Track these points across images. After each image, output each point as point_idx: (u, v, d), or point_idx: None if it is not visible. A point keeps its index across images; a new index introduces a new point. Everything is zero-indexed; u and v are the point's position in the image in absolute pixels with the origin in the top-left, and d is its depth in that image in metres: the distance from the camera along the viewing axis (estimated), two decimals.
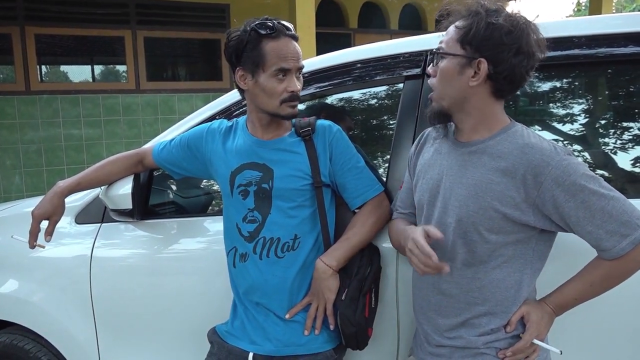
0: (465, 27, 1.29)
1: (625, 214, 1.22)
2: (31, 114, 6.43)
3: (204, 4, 7.28)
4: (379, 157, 2.06)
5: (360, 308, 1.53)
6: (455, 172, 1.37)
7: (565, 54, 1.71)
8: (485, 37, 1.26)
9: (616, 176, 1.79)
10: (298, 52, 1.55)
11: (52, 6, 6.54)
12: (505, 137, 1.32)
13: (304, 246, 1.58)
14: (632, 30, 1.67)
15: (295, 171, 1.58)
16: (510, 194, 1.27)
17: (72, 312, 1.99)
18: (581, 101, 1.87)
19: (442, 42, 1.35)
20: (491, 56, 1.27)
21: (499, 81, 1.29)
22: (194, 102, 7.10)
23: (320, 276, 1.54)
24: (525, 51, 1.27)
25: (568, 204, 1.23)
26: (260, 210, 1.59)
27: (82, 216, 2.06)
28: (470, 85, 1.30)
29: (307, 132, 1.60)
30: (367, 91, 2.05)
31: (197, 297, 1.91)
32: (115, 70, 7.49)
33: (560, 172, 1.23)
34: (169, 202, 2.31)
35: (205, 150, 1.72)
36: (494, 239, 1.31)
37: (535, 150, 1.26)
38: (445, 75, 1.33)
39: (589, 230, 1.24)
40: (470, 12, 1.30)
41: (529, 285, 1.36)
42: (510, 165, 1.28)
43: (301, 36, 6.51)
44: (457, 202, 1.34)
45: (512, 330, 1.34)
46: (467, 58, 1.29)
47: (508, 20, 1.26)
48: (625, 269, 1.27)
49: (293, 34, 1.56)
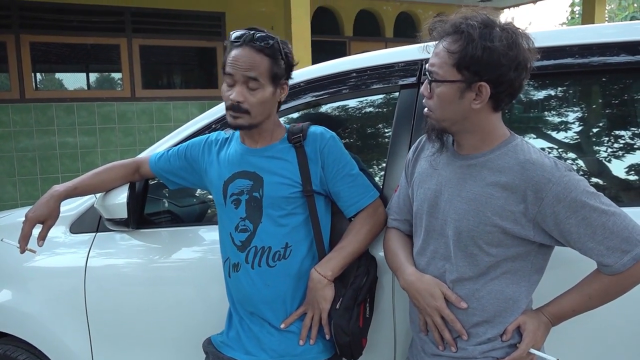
0: (459, 51, 1.24)
1: (626, 230, 1.22)
2: (26, 122, 6.42)
3: (200, 12, 7.30)
4: (375, 165, 2.06)
5: (354, 318, 1.53)
6: (454, 184, 1.36)
7: (559, 63, 1.72)
8: (484, 62, 1.23)
9: (610, 184, 1.80)
10: (250, 62, 1.48)
11: (47, 14, 6.55)
12: (506, 152, 1.31)
13: (296, 255, 1.57)
14: (624, 40, 1.68)
15: (284, 179, 1.56)
16: (511, 208, 1.27)
17: (66, 323, 1.98)
18: (575, 109, 1.89)
19: (435, 65, 1.29)
20: (492, 78, 1.25)
21: (500, 98, 1.29)
22: (190, 110, 7.10)
23: (315, 286, 1.53)
24: (523, 65, 1.27)
25: (569, 220, 1.23)
26: (252, 219, 1.58)
27: (76, 225, 2.05)
28: (474, 107, 1.28)
29: (298, 139, 1.58)
30: (363, 100, 2.06)
31: (193, 307, 1.90)
32: (111, 78, 7.49)
33: (562, 189, 1.23)
34: (164, 211, 2.30)
35: (202, 162, 1.72)
36: (493, 252, 1.31)
37: (536, 167, 1.26)
38: (445, 101, 1.29)
39: (590, 246, 1.24)
40: (458, 31, 1.25)
41: (527, 297, 1.36)
42: (510, 181, 1.27)
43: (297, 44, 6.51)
44: (457, 215, 1.34)
45: (508, 339, 1.34)
46: (466, 83, 1.26)
47: (502, 39, 1.23)
48: (625, 284, 1.27)
49: (258, 45, 1.49)
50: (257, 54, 1.49)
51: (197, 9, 7.25)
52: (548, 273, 1.40)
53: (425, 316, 1.40)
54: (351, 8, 8.64)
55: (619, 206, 1.27)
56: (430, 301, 1.37)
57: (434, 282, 1.38)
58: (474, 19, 1.26)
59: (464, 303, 1.34)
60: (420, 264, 1.44)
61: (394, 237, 1.56)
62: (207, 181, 1.71)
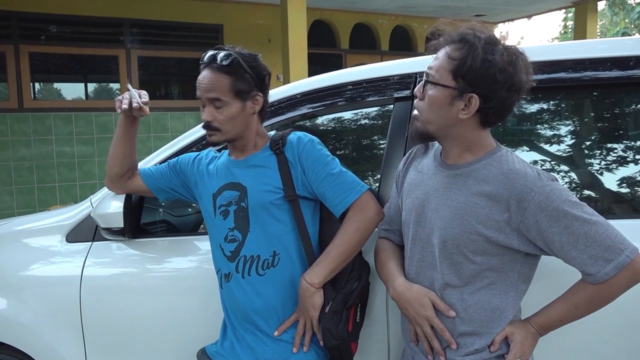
0: (459, 59, 1.27)
1: (608, 238, 1.23)
2: (23, 131, 6.43)
3: (198, 24, 7.36)
4: (370, 177, 2.08)
5: (343, 321, 1.53)
6: (440, 193, 1.38)
7: (552, 77, 1.75)
8: (480, 74, 1.25)
9: (602, 196, 1.82)
10: (210, 83, 1.54)
11: (47, 25, 6.59)
12: (491, 162, 1.33)
13: (285, 262, 1.58)
14: (616, 55, 1.71)
15: (266, 185, 1.58)
16: (495, 217, 1.29)
17: (61, 332, 1.97)
18: (567, 123, 1.91)
19: (432, 68, 1.32)
20: (483, 92, 1.26)
21: (488, 114, 1.30)
22: (187, 120, 7.13)
23: (303, 294, 1.54)
24: (516, 87, 1.28)
25: (552, 229, 1.25)
26: (240, 229, 1.59)
27: (73, 234, 2.05)
28: (460, 117, 1.30)
29: (278, 146, 1.61)
30: (358, 112, 2.08)
31: (188, 317, 1.90)
32: (109, 88, 7.52)
33: (544, 198, 1.24)
34: (160, 220, 2.31)
35: (192, 175, 1.75)
36: (478, 260, 1.32)
37: (519, 176, 1.27)
38: (434, 104, 1.32)
39: (573, 255, 1.25)
40: (463, 40, 1.28)
41: (514, 307, 1.36)
42: (494, 190, 1.29)
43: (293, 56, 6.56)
44: (442, 223, 1.35)
45: (496, 350, 1.34)
46: (458, 91, 1.28)
47: (503, 56, 1.25)
48: (610, 292, 1.28)
49: (217, 65, 1.54)
50: (216, 74, 1.55)
51: (195, 21, 7.30)
52: (539, 283, 1.42)
53: (415, 326, 1.41)
54: (347, 21, 8.71)
55: (612, 218, 1.29)
56: (420, 311, 1.38)
57: (423, 292, 1.39)
58: (481, 32, 1.29)
59: (452, 312, 1.35)
60: (410, 273, 1.46)
61: (384, 248, 1.57)
62: (196, 194, 1.74)
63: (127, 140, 1.79)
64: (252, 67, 1.57)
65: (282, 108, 1.93)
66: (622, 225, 1.30)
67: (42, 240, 2.09)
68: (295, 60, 6.07)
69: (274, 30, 7.33)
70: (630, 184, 1.77)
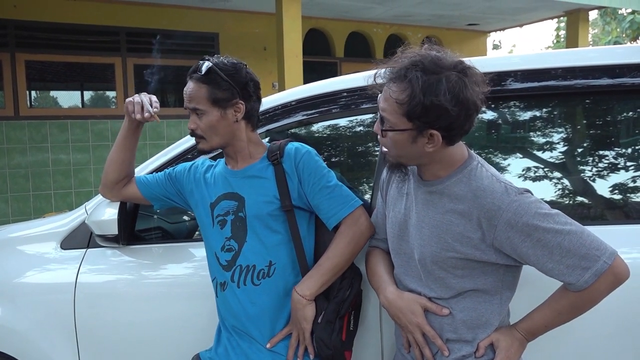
0: (406, 102, 1.23)
1: (583, 247, 1.23)
2: (19, 139, 6.43)
3: (193, 32, 7.38)
4: (365, 183, 2.09)
5: (336, 331, 1.53)
6: (420, 209, 1.39)
7: (544, 85, 1.77)
8: (432, 114, 1.22)
9: (594, 203, 1.83)
10: (189, 94, 1.60)
11: (43, 33, 6.60)
12: (461, 178, 1.33)
13: (280, 272, 1.59)
14: (607, 63, 1.73)
15: (264, 196, 1.60)
16: (469, 235, 1.29)
17: (55, 339, 1.97)
18: (559, 130, 1.93)
19: (385, 111, 1.29)
20: (441, 124, 1.24)
21: (451, 136, 1.29)
22: (182, 128, 7.14)
23: (295, 306, 1.54)
24: (472, 106, 1.24)
25: (524, 244, 1.24)
26: (237, 238, 1.61)
27: (67, 241, 2.05)
28: (427, 150, 1.29)
29: (276, 157, 1.62)
30: (352, 119, 2.09)
31: (183, 323, 1.90)
32: (105, 96, 7.53)
33: (512, 215, 1.24)
34: (155, 227, 2.31)
35: (188, 184, 1.75)
36: (459, 274, 1.33)
37: (486, 194, 1.27)
38: (398, 144, 1.31)
39: (550, 267, 1.25)
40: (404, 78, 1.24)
41: (500, 313, 1.37)
42: (466, 209, 1.29)
43: (289, 64, 6.57)
44: (422, 240, 1.36)
45: (481, 355, 1.34)
46: (417, 130, 1.26)
47: (446, 92, 1.20)
48: (592, 298, 1.27)
49: (196, 76, 1.60)
50: (196, 84, 1.60)
51: (191, 29, 7.32)
52: (527, 288, 1.43)
53: (407, 333, 1.42)
54: (342, 30, 8.76)
55: (604, 224, 1.29)
56: (412, 318, 1.38)
57: (413, 299, 1.40)
58: (419, 66, 1.23)
59: (446, 309, 1.36)
60: (398, 283, 1.47)
61: (375, 256, 1.57)
62: (192, 203, 1.75)
63: (128, 146, 1.81)
64: (231, 75, 1.59)
65: (276, 115, 1.95)
66: (616, 231, 1.31)
67: (37, 247, 2.09)
68: (290, 69, 6.09)
69: (269, 39, 7.36)
70: (622, 190, 1.79)
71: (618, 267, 1.24)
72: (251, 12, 7.58)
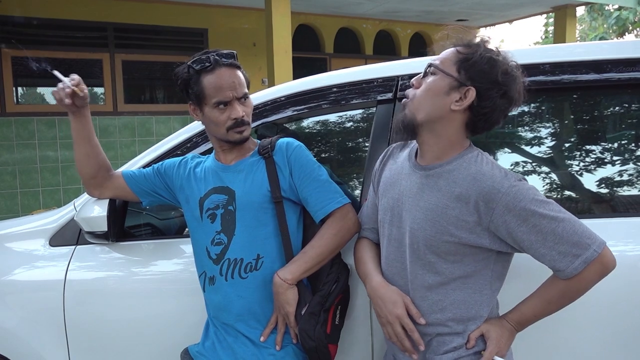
0: (467, 53, 1.33)
1: (575, 234, 1.27)
2: (6, 135, 6.36)
3: (182, 28, 7.35)
4: (354, 178, 2.09)
5: (320, 323, 1.53)
6: (414, 194, 1.40)
7: (532, 80, 1.78)
8: (483, 70, 1.30)
9: (581, 196, 1.86)
10: (236, 81, 1.59)
11: (30, 29, 6.53)
12: (461, 163, 1.36)
13: (268, 266, 1.59)
14: (594, 58, 1.75)
15: (254, 188, 1.61)
16: (465, 218, 1.31)
17: (45, 337, 1.96)
18: (547, 124, 1.95)
19: (437, 59, 1.37)
20: (481, 88, 1.31)
21: (477, 115, 1.34)
22: (172, 124, 7.10)
23: (277, 290, 1.55)
24: (510, 96, 1.33)
25: (520, 228, 1.28)
26: (226, 232, 1.61)
27: (56, 238, 2.04)
28: (452, 108, 1.33)
29: (267, 151, 1.64)
30: (342, 114, 2.10)
31: (173, 319, 1.90)
32: (93, 93, 7.46)
33: (511, 199, 1.27)
34: (144, 224, 2.30)
35: (177, 179, 1.75)
36: (451, 260, 1.35)
37: (486, 178, 1.30)
38: (431, 90, 1.35)
39: (542, 252, 1.29)
40: (472, 43, 1.35)
41: (489, 304, 1.39)
42: (464, 192, 1.32)
43: (278, 60, 6.56)
44: (415, 224, 1.38)
45: (471, 347, 1.36)
46: (458, 82, 1.32)
47: (507, 62, 1.32)
48: (580, 287, 1.31)
49: (231, 62, 1.60)
50: (237, 72, 1.63)
51: (179, 25, 7.29)
52: (517, 280, 1.44)
53: (385, 325, 1.42)
54: (332, 26, 8.76)
55: (591, 218, 1.32)
56: (392, 309, 1.39)
57: (397, 292, 1.41)
58: (492, 41, 1.37)
59: (422, 319, 1.38)
60: (386, 272, 1.48)
61: (364, 246, 1.59)
62: (181, 198, 1.75)
63: (83, 138, 1.79)
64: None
65: (266, 111, 1.95)
66: (602, 224, 1.33)
67: (25, 245, 2.07)
68: (280, 64, 6.08)
69: (258, 35, 7.35)
70: (609, 184, 1.81)
71: (606, 257, 1.28)
72: (240, 7, 7.55)
